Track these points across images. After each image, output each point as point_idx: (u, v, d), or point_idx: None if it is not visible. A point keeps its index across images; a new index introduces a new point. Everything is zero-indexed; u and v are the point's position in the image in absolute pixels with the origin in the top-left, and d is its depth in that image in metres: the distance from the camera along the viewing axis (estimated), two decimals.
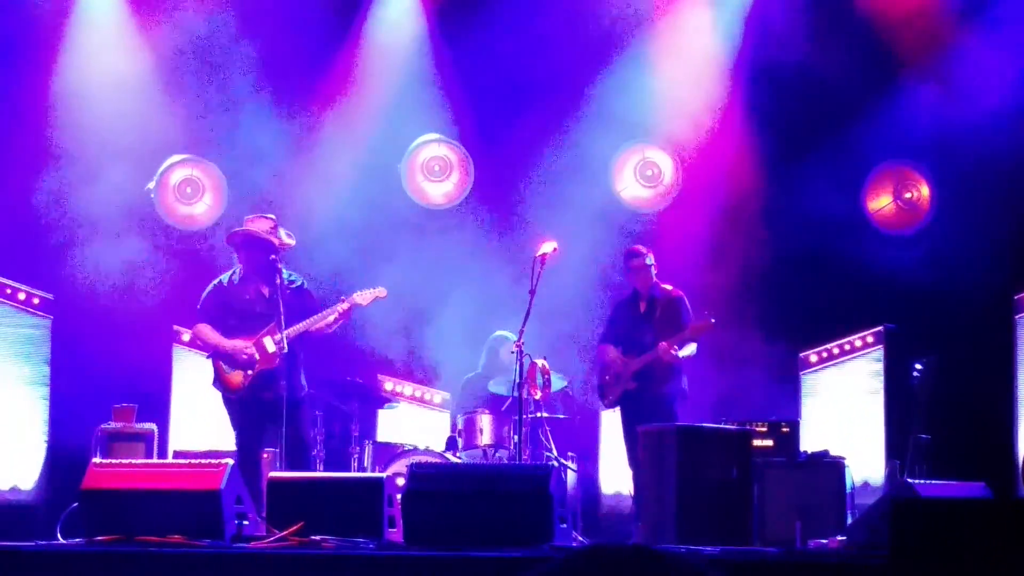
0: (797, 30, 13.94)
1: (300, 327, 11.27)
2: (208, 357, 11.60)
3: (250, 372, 11.24)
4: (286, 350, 11.05)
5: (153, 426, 12.88)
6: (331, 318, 11.43)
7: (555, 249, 11.74)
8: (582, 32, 14.36)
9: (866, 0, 14.07)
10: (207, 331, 11.44)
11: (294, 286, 11.51)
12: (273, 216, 11.66)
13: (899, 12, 13.99)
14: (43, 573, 8.68)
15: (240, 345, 11.28)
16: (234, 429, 11.47)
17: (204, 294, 11.59)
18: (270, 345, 11.16)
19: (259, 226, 11.49)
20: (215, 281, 11.62)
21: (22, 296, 13.63)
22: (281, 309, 11.05)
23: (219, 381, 11.44)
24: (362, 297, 11.62)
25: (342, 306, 11.52)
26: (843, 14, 13.98)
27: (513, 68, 14.16)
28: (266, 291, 11.39)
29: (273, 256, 11.28)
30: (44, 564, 8.78)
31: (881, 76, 14.08)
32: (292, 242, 11.67)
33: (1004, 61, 13.61)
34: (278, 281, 11.20)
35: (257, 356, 11.23)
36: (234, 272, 11.55)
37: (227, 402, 11.49)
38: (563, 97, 14.44)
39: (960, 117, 13.62)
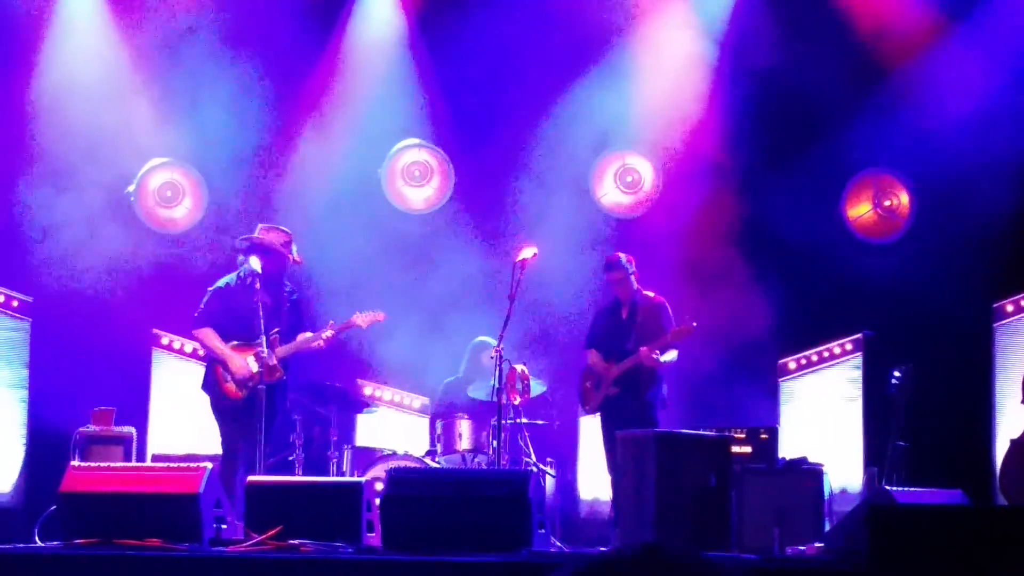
0: (778, 38, 13.97)
1: (298, 346, 11.46)
2: (205, 361, 11.69)
3: (250, 384, 11.28)
4: (282, 373, 11.28)
5: (132, 429, 12.85)
6: (328, 334, 11.60)
7: (535, 255, 11.76)
8: (562, 38, 14.36)
9: (846, 8, 14.10)
10: (211, 337, 11.50)
11: (292, 298, 11.68)
12: (289, 231, 11.73)
13: (879, 20, 14.03)
14: None
15: (241, 363, 11.31)
16: (221, 434, 11.49)
17: (206, 297, 11.63)
18: (272, 359, 11.23)
19: (273, 237, 11.58)
20: (219, 284, 11.68)
21: (1, 298, 13.58)
22: (269, 321, 11.24)
23: (212, 386, 11.47)
24: (362, 319, 11.85)
25: (341, 326, 11.69)
26: (824, 22, 14.00)
27: (493, 73, 14.17)
28: (268, 301, 11.44)
29: (280, 267, 11.47)
30: (22, 567, 8.77)
31: (861, 84, 14.11)
32: (300, 261, 11.78)
33: (983, 69, 13.65)
34: (287, 290, 11.49)
35: (257, 369, 11.25)
36: (238, 276, 11.55)
37: (216, 407, 11.52)
38: (543, 103, 14.45)
39: (940, 125, 13.65)
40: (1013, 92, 13.62)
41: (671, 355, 12.06)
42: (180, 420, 13.45)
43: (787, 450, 12.37)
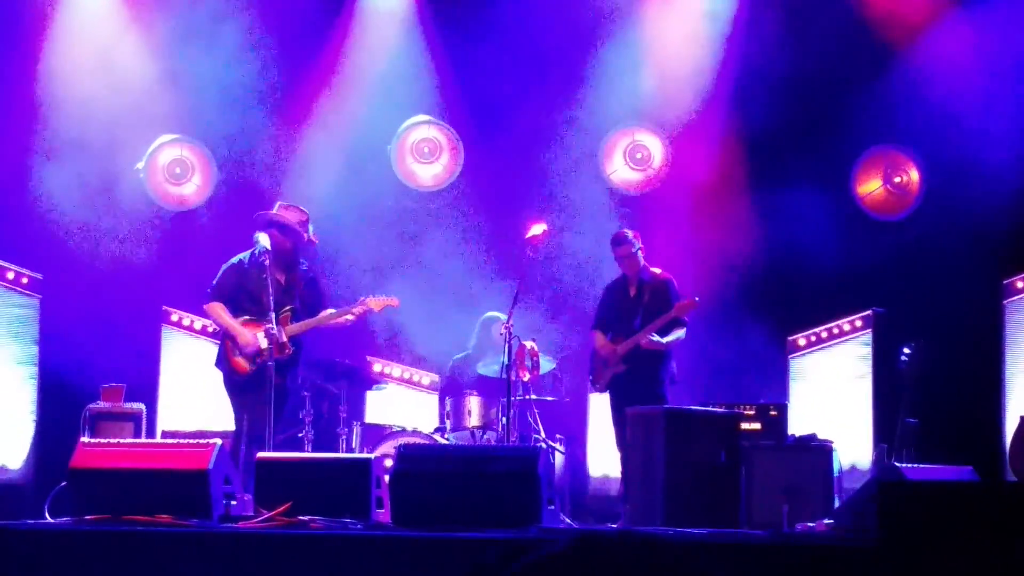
0: (788, 14, 13.94)
1: (309, 324, 11.44)
2: (218, 338, 11.70)
3: (259, 360, 11.28)
4: (291, 350, 11.22)
5: (141, 406, 12.88)
6: (342, 319, 11.59)
7: (544, 231, 11.77)
8: (573, 15, 14.34)
9: None
10: (221, 311, 11.49)
11: (307, 277, 11.67)
12: (306, 211, 11.70)
13: None
14: (31, 552, 8.68)
15: (250, 337, 11.30)
16: (234, 410, 11.50)
17: (221, 272, 11.60)
18: (282, 336, 11.22)
19: (291, 216, 11.56)
20: (233, 260, 11.63)
21: (11, 275, 13.60)
22: (282, 303, 11.24)
23: (223, 361, 11.48)
24: (375, 303, 11.77)
25: (356, 309, 11.65)
26: None
27: (504, 50, 14.14)
28: (282, 279, 11.44)
29: (295, 245, 11.48)
30: (32, 543, 8.78)
31: (871, 60, 14.08)
32: (315, 241, 11.76)
33: (993, 46, 13.62)
34: (302, 268, 11.58)
35: (266, 345, 11.22)
36: (252, 253, 11.52)
37: (228, 383, 11.52)
38: (553, 80, 14.43)
39: (950, 102, 13.63)
40: (1023, 69, 13.58)
41: (677, 334, 12.06)
42: (190, 396, 13.49)
43: (796, 427, 12.38)
